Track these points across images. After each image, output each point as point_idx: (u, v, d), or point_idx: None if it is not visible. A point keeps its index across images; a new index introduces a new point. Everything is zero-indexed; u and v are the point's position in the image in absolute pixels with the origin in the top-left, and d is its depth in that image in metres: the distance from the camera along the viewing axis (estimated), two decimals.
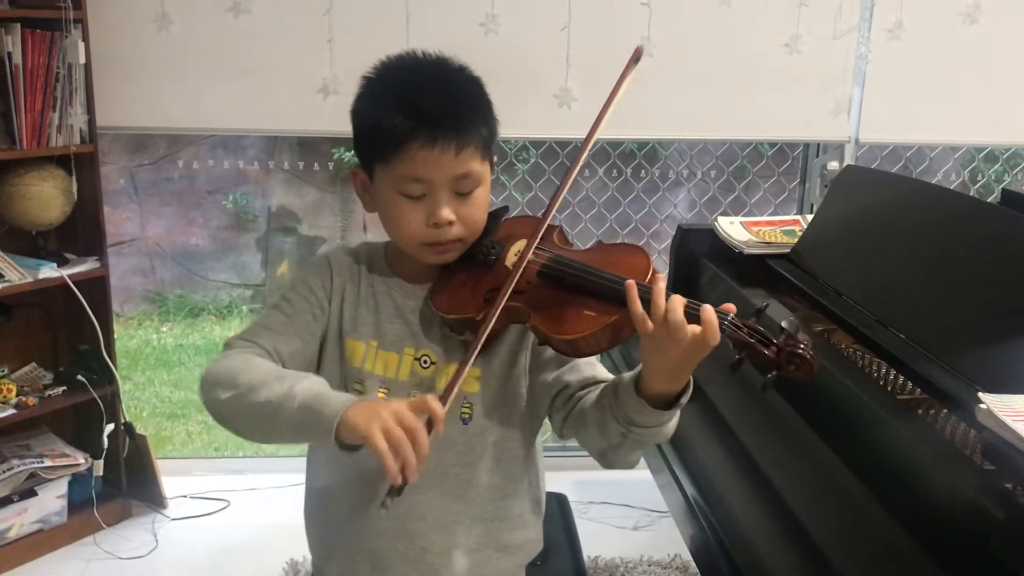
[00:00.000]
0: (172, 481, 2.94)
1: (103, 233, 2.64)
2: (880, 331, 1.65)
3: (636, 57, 1.25)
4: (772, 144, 4.07)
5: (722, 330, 1.02)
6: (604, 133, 3.36)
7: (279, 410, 1.06)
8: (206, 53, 2.70)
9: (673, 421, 1.12)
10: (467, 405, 1.20)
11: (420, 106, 1.11)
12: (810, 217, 2.30)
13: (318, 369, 1.22)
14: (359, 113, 1.19)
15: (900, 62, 2.91)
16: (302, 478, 1.33)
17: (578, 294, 1.11)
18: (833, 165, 3.02)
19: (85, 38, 2.48)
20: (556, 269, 1.14)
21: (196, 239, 5.62)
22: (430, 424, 1.01)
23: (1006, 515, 1.07)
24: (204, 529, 2.81)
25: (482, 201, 1.19)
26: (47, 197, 2.49)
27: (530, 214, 1.37)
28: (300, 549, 2.63)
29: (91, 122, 2.55)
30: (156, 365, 4.71)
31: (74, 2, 2.42)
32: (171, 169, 5.53)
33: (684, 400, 1.09)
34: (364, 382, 1.20)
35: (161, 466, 2.90)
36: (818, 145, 3.13)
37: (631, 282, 1.04)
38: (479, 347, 1.11)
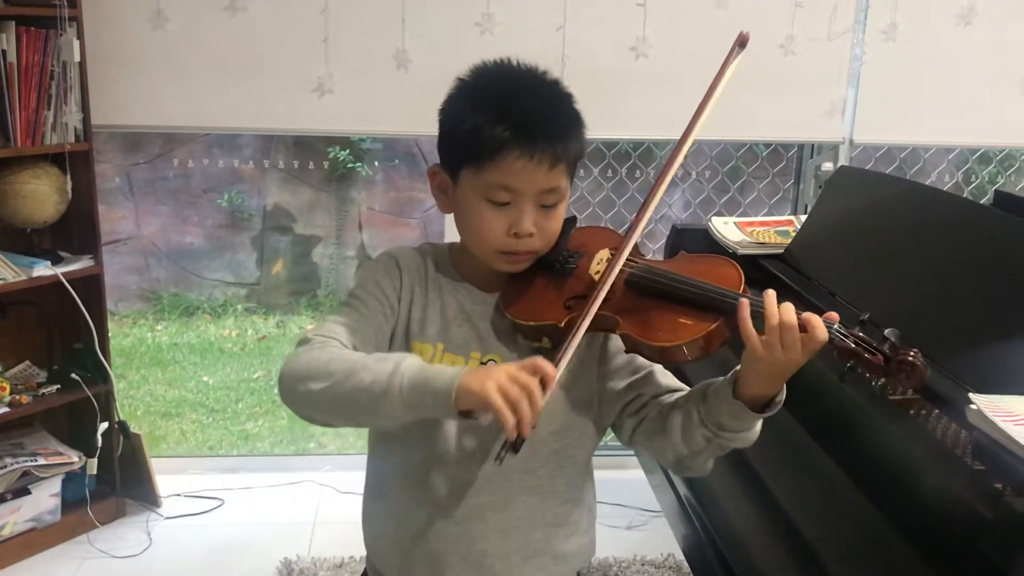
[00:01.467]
0: (166, 480, 2.94)
1: (98, 231, 2.64)
2: (873, 331, 1.66)
3: (741, 42, 1.26)
4: (767, 145, 4.07)
5: (830, 340, 1.03)
6: (601, 133, 3.36)
7: (388, 389, 1.05)
8: (202, 51, 2.70)
9: (758, 426, 1.13)
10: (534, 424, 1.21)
11: (523, 117, 1.12)
12: (804, 218, 2.31)
13: None
14: (452, 115, 1.19)
15: (894, 63, 2.91)
16: (296, 477, 1.33)
17: (670, 303, 1.12)
18: (827, 166, 3.03)
19: (80, 36, 2.47)
20: (647, 279, 1.16)
21: (191, 238, 5.62)
22: (543, 384, 1.02)
23: (995, 515, 1.07)
24: (198, 528, 2.81)
25: (561, 215, 1.20)
26: (41, 195, 2.49)
27: (599, 225, 1.37)
28: (294, 548, 2.64)
29: (86, 120, 2.54)
30: (150, 364, 4.71)
31: (69, 0, 2.41)
32: (166, 168, 5.52)
33: (780, 400, 1.10)
34: None
35: (155, 465, 2.89)
36: (812, 146, 3.14)
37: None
38: (572, 351, 1.11)
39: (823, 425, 1.51)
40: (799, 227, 2.26)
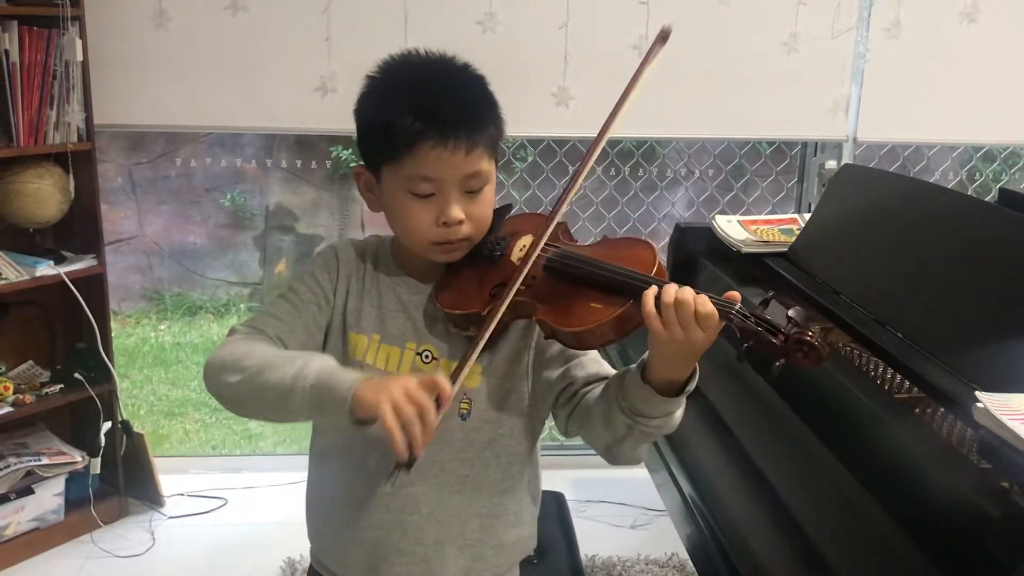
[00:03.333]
0: (169, 479, 2.94)
1: (100, 231, 2.64)
2: (877, 330, 1.66)
3: (663, 37, 1.24)
4: (770, 143, 4.07)
5: (729, 319, 1.03)
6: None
7: (292, 390, 1.06)
8: (204, 51, 2.70)
9: (679, 412, 1.13)
10: (466, 401, 1.21)
11: (432, 106, 1.12)
12: (808, 216, 2.30)
13: None
14: (366, 113, 1.19)
15: (898, 61, 2.91)
16: (299, 476, 1.33)
17: (585, 287, 1.12)
18: (831, 164, 3.02)
19: (82, 35, 2.47)
20: (562, 263, 1.16)
21: (194, 237, 5.62)
22: (439, 402, 1.01)
23: (1002, 514, 1.07)
24: (201, 527, 2.81)
25: (489, 199, 1.20)
26: (44, 195, 2.49)
27: (531, 212, 1.38)
28: (297, 547, 2.64)
29: (88, 120, 2.54)
30: (153, 363, 4.71)
31: None
32: (169, 167, 5.52)
33: (690, 388, 1.10)
34: None
35: (158, 464, 2.89)
36: (816, 144, 3.13)
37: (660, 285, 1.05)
38: (486, 338, 1.11)
39: (828, 423, 1.50)
40: (803, 225, 2.25)
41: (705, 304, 1.02)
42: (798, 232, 2.23)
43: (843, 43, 2.89)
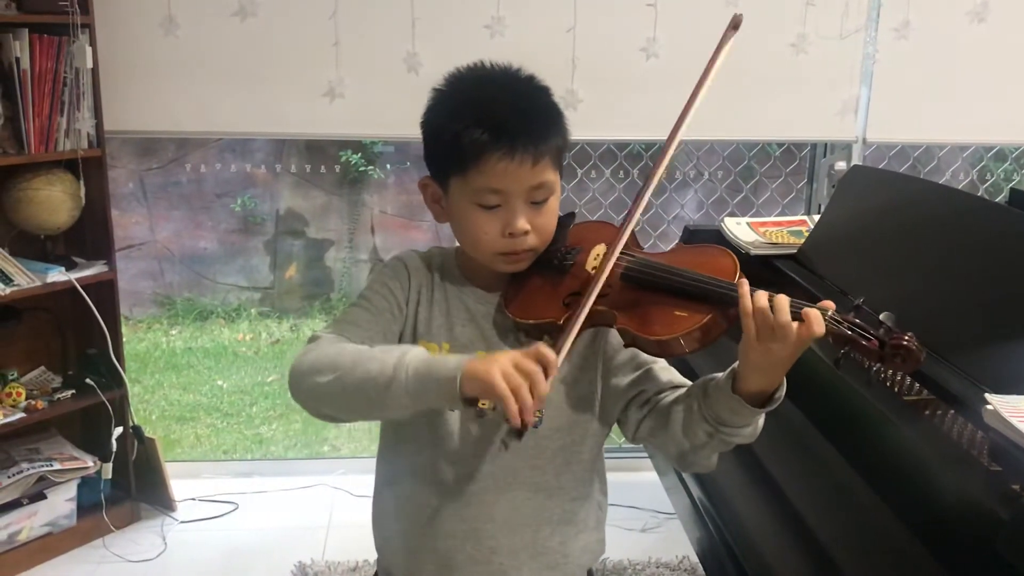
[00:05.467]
0: (181, 484, 2.95)
1: (111, 237, 2.65)
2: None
3: (735, 24, 1.25)
4: (779, 144, 4.06)
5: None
6: (612, 134, 3.34)
7: (394, 378, 1.06)
8: (213, 57, 2.71)
9: (760, 421, 1.13)
10: (538, 409, 1.21)
11: (498, 119, 1.13)
12: (817, 217, 2.30)
13: None
14: (433, 126, 1.20)
15: (907, 62, 2.90)
16: (309, 480, 1.34)
17: (665, 295, 1.12)
18: (840, 165, 3.01)
19: (92, 43, 2.49)
20: (641, 271, 1.16)
21: (204, 242, 5.64)
22: (545, 371, 1.02)
23: (1012, 516, 1.06)
24: (213, 532, 2.81)
25: (554, 210, 1.21)
26: (55, 201, 2.50)
27: (597, 220, 1.38)
28: (308, 551, 2.65)
29: (99, 126, 2.55)
30: (165, 368, 4.73)
31: (81, 7, 2.43)
32: (179, 173, 5.54)
33: (779, 396, 1.10)
34: None
35: (170, 469, 2.90)
36: (825, 145, 3.12)
37: (744, 282, 1.06)
38: (569, 344, 1.10)
39: (837, 426, 1.50)
40: (812, 227, 2.25)
41: (807, 310, 1.02)
42: (807, 234, 2.23)
43: (852, 44, 2.88)
